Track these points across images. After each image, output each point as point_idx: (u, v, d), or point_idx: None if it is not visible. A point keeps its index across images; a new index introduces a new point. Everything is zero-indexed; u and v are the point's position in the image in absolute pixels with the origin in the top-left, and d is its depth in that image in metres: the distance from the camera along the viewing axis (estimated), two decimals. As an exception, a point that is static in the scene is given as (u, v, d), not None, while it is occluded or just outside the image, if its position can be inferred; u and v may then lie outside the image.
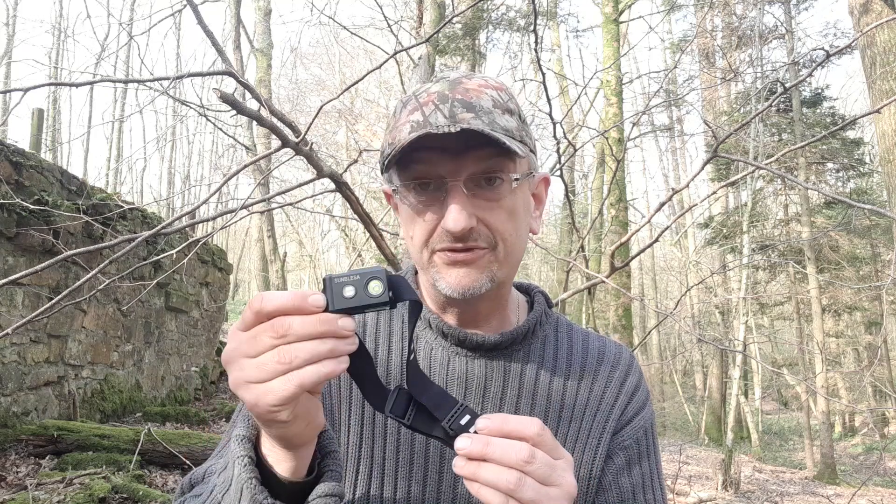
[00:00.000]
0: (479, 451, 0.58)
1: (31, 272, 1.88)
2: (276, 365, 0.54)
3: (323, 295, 0.57)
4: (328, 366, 0.55)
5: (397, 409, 0.66)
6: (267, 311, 0.55)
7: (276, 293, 0.56)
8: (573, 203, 5.51)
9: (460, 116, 0.73)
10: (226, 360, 0.57)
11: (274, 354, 0.54)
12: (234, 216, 2.45)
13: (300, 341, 0.54)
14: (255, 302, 0.56)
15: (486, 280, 0.77)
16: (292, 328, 0.54)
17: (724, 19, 13.74)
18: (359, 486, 0.80)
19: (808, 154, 12.71)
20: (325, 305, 0.56)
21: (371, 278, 0.58)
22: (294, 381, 0.54)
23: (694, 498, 8.06)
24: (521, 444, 0.58)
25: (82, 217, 4.16)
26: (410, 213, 0.79)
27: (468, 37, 8.37)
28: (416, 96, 0.78)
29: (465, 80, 0.78)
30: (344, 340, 0.56)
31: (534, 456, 0.57)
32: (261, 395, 0.55)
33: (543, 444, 0.59)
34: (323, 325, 0.55)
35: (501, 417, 0.60)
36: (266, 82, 14.72)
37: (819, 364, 11.86)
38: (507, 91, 0.80)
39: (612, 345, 0.93)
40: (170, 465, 4.94)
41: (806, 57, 11.65)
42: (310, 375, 0.54)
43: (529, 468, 0.57)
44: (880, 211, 2.24)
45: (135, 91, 23.80)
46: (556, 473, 0.59)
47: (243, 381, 0.55)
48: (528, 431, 0.59)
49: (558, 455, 0.61)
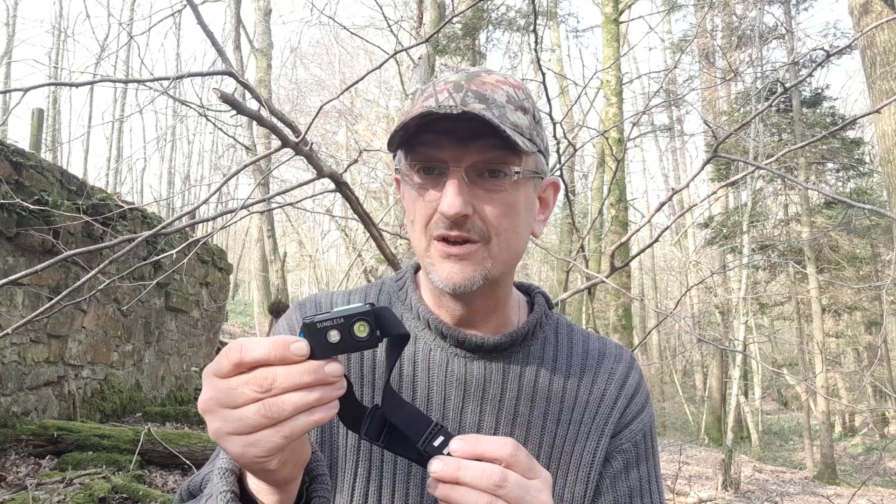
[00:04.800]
0: (451, 474, 0.58)
1: (31, 272, 1.88)
2: (261, 418, 0.51)
3: (306, 342, 0.53)
4: (318, 414, 0.53)
5: (372, 431, 0.65)
6: (247, 362, 0.52)
7: (257, 341, 0.53)
8: (573, 203, 5.52)
9: (471, 105, 0.73)
10: (203, 410, 0.54)
11: (259, 408, 0.51)
12: (234, 216, 2.45)
13: (286, 392, 0.52)
14: (233, 352, 0.53)
15: (478, 277, 0.76)
16: (277, 380, 0.52)
17: (724, 19, 13.73)
18: (357, 488, 0.80)
19: (808, 154, 12.71)
20: (309, 352, 0.53)
21: (357, 320, 0.55)
22: (283, 433, 0.52)
23: (694, 498, 8.06)
24: (493, 468, 0.57)
25: (82, 217, 4.15)
26: (413, 195, 0.79)
27: (468, 37, 8.37)
28: (434, 84, 0.79)
29: (485, 74, 0.78)
30: (332, 386, 0.54)
31: (506, 479, 0.57)
32: (246, 448, 0.53)
33: (517, 465, 0.59)
34: (310, 375, 0.52)
35: (474, 439, 0.60)
36: (266, 82, 14.71)
37: (819, 364, 11.86)
38: (524, 90, 0.80)
39: (613, 346, 0.92)
40: (170, 465, 4.94)
41: (806, 57, 11.64)
42: (299, 426, 0.52)
43: (501, 492, 0.57)
44: (880, 211, 2.24)
45: (135, 91, 23.82)
46: (529, 495, 0.58)
47: (225, 432, 0.53)
48: (501, 453, 0.58)
49: (533, 475, 0.60)
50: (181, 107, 17.76)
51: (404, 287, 0.90)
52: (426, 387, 0.82)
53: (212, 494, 0.63)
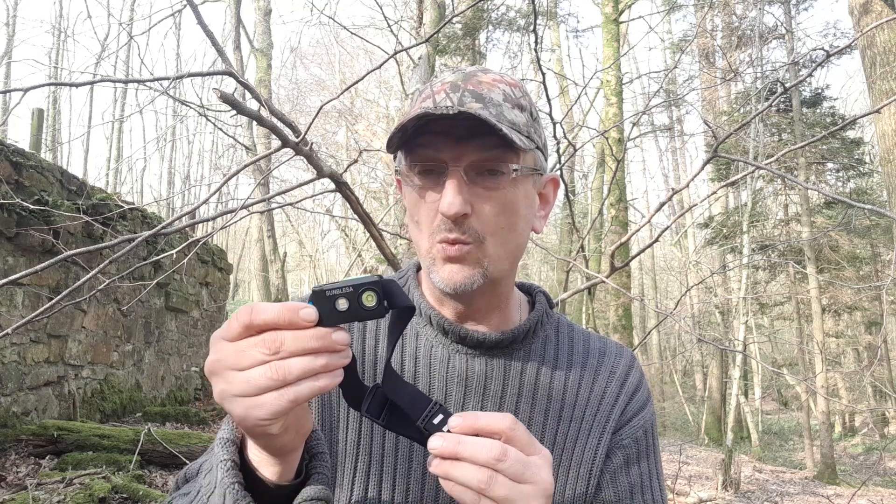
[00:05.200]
0: (451, 450, 0.58)
1: (31, 272, 1.88)
2: (267, 381, 0.52)
3: (315, 308, 0.54)
4: (322, 381, 0.53)
5: (373, 409, 0.65)
6: (257, 324, 0.53)
7: (267, 305, 0.53)
8: (573, 203, 5.52)
9: (468, 105, 0.73)
10: (210, 371, 0.55)
11: (265, 370, 0.52)
12: (234, 216, 2.45)
13: (293, 357, 0.52)
14: (243, 314, 0.53)
15: (478, 276, 0.77)
16: (285, 344, 0.52)
17: (724, 19, 13.73)
18: (357, 483, 0.80)
19: (808, 154, 12.70)
20: (318, 319, 0.54)
21: (365, 289, 0.56)
22: (287, 396, 0.52)
23: (694, 498, 8.06)
24: (493, 442, 0.58)
25: (82, 217, 4.15)
26: (415, 197, 0.79)
27: (468, 37, 8.38)
28: (431, 85, 0.79)
29: (481, 73, 0.79)
30: (338, 354, 0.54)
31: (506, 453, 0.57)
32: (250, 409, 0.53)
33: (516, 439, 0.59)
34: (318, 341, 0.53)
35: (473, 415, 0.60)
36: (266, 82, 14.72)
37: (819, 364, 11.86)
38: (521, 88, 0.80)
39: (614, 345, 0.93)
40: (170, 465, 4.94)
41: (806, 57, 11.64)
42: (304, 391, 0.53)
43: (501, 466, 0.57)
44: (880, 211, 2.24)
45: (135, 91, 23.81)
46: (529, 471, 0.58)
47: (230, 394, 0.54)
48: (500, 426, 0.59)
49: (533, 451, 0.60)
50: (181, 107, 17.76)
51: (406, 284, 0.90)
52: (427, 383, 0.83)
53: (212, 466, 0.64)
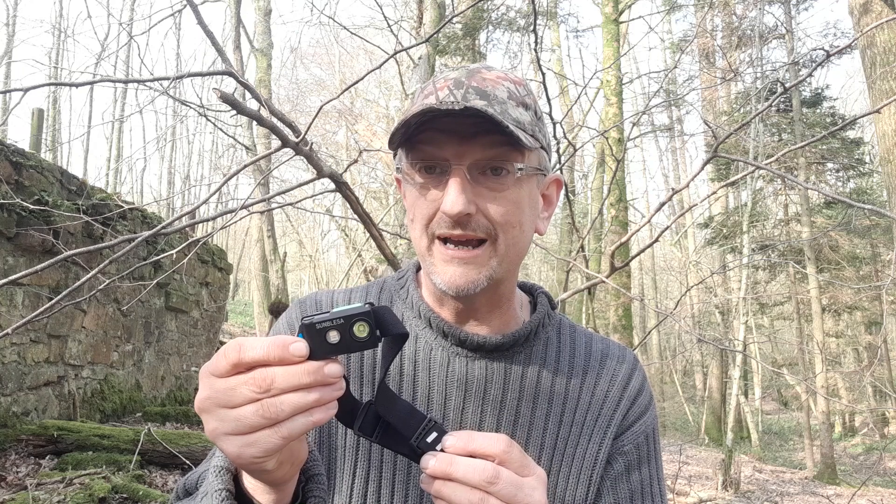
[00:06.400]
0: (443, 470, 0.57)
1: (31, 272, 1.88)
2: (259, 419, 0.51)
3: (305, 342, 0.52)
4: (317, 415, 0.52)
5: (366, 426, 0.64)
6: (245, 362, 0.52)
7: (256, 341, 0.52)
8: (573, 203, 5.51)
9: (473, 102, 0.72)
10: (200, 409, 0.53)
11: (257, 408, 0.51)
12: (234, 216, 2.45)
13: (284, 394, 0.51)
14: (231, 351, 0.52)
15: (483, 279, 0.75)
16: (276, 381, 0.51)
17: (724, 19, 13.73)
18: (356, 488, 0.79)
19: (808, 154, 12.70)
20: (308, 353, 0.52)
21: (356, 321, 0.54)
22: (281, 433, 0.51)
23: (694, 498, 8.06)
24: (486, 464, 0.57)
25: (82, 217, 4.15)
26: (414, 195, 0.77)
27: (468, 37, 8.38)
28: (434, 82, 0.78)
29: (485, 70, 0.77)
30: (331, 387, 0.53)
31: (498, 476, 0.57)
32: (243, 448, 0.52)
33: (510, 462, 0.58)
34: (309, 376, 0.51)
35: (467, 435, 0.59)
36: (266, 82, 14.70)
37: (819, 364, 11.86)
38: (525, 86, 0.79)
39: (616, 347, 0.91)
40: (170, 465, 4.94)
41: (806, 57, 11.66)
42: (297, 427, 0.52)
43: (493, 488, 0.56)
44: (880, 211, 2.24)
45: (135, 91, 23.82)
46: (522, 492, 0.58)
47: (222, 432, 0.52)
48: (494, 450, 0.58)
49: (527, 472, 0.60)
50: (181, 107, 17.75)
51: (406, 285, 0.89)
52: (427, 386, 0.81)
53: (207, 492, 0.63)
